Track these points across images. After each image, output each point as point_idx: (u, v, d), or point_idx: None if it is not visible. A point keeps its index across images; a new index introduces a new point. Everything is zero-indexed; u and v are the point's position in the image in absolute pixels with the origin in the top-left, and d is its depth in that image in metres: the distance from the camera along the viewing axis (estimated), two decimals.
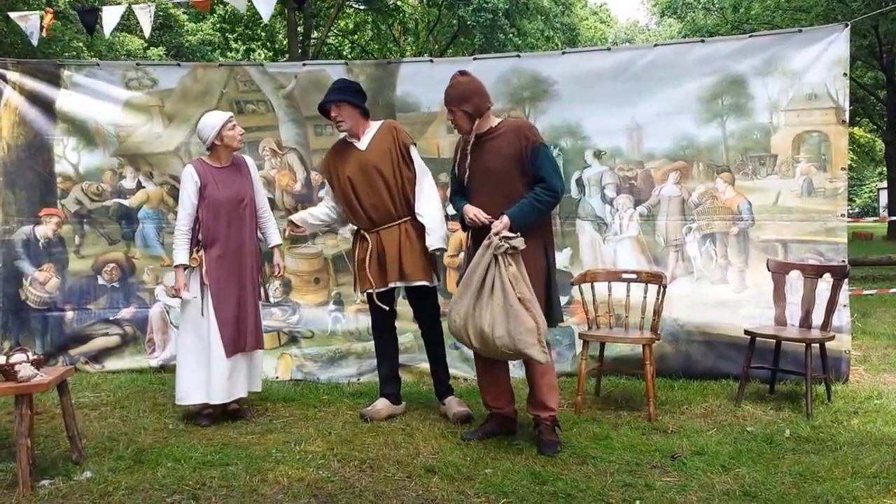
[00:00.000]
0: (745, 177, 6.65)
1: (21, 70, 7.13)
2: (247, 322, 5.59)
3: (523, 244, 4.66)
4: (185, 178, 5.59)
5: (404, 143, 5.57)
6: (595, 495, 4.12)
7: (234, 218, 5.60)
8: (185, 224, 5.55)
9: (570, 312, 6.82)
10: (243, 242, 5.63)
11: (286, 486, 4.29)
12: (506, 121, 5.11)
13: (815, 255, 6.47)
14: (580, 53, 7.57)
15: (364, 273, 5.54)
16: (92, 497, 4.16)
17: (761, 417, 5.54)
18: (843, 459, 4.58)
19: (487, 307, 4.66)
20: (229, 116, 5.65)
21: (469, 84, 4.99)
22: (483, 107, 4.97)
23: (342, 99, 5.51)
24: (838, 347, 6.36)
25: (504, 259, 4.65)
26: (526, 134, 4.91)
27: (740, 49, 6.65)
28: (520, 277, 4.65)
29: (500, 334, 4.60)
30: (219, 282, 5.51)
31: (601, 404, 5.99)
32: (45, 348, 7.05)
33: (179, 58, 23.38)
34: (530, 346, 4.57)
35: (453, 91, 4.99)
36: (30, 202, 7.19)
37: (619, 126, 6.82)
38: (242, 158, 5.85)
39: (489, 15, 25.70)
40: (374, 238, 5.52)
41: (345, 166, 5.55)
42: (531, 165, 4.85)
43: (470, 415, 5.49)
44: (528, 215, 4.79)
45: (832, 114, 6.51)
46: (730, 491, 4.14)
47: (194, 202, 5.54)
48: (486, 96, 5.02)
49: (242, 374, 5.62)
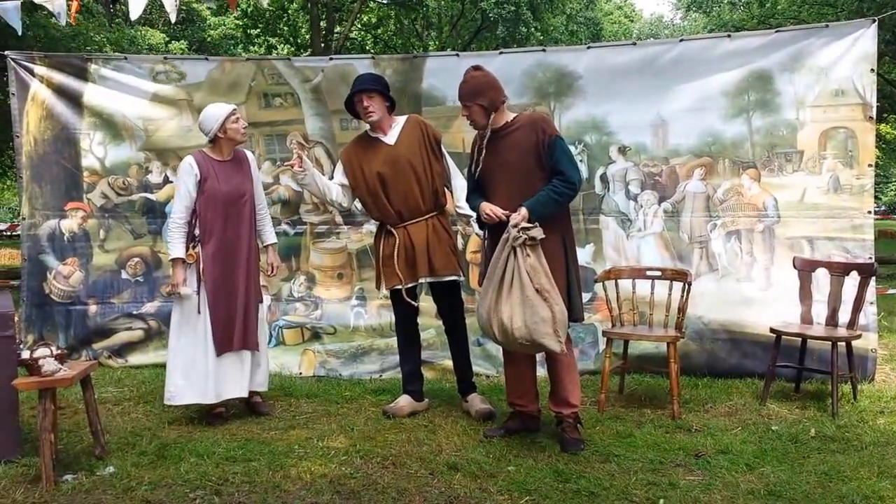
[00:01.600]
0: (770, 173, 6.59)
1: (48, 64, 7.16)
2: (237, 321, 5.45)
3: (542, 234, 4.64)
4: (185, 170, 5.47)
5: (435, 136, 5.56)
6: (618, 493, 4.10)
7: (233, 213, 5.48)
8: (182, 217, 5.42)
9: (594, 310, 6.80)
10: (240, 239, 5.50)
11: (309, 482, 4.29)
12: (521, 115, 5.08)
13: (841, 252, 6.42)
14: (605, 48, 7.51)
15: (392, 269, 5.49)
16: (115, 492, 4.17)
17: (786, 416, 5.49)
18: (868, 459, 4.55)
19: (507, 300, 4.64)
20: (233, 108, 5.54)
21: (482, 78, 4.96)
22: (498, 100, 4.94)
23: (375, 89, 5.49)
24: (865, 346, 6.29)
25: (523, 250, 4.63)
26: (543, 127, 4.88)
27: (766, 44, 6.59)
28: (539, 268, 4.62)
29: (518, 325, 4.58)
30: (214, 279, 5.40)
31: (625, 402, 5.96)
32: (68, 342, 7.09)
33: (202, 52, 23.46)
34: (545, 336, 4.54)
35: (467, 86, 4.96)
36: (55, 196, 7.21)
37: (644, 122, 6.77)
38: (244, 153, 5.74)
39: (512, 7, 25.60)
40: (401, 233, 5.48)
41: (372, 161, 5.49)
42: (549, 158, 4.83)
43: (492, 412, 5.48)
44: (546, 206, 4.76)
45: (859, 110, 6.44)
46: (754, 490, 4.12)
47: (193, 195, 5.42)
48: (501, 90, 4.98)
49: (240, 374, 5.50)
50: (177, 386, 5.40)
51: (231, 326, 5.44)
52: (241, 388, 5.52)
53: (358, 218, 7.09)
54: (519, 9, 25.58)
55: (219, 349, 5.40)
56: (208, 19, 28.04)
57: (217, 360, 5.40)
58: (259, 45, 29.37)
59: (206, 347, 5.39)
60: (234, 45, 28.84)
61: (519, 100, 6.72)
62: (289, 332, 6.83)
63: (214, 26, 28.21)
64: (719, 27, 26.94)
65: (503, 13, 25.54)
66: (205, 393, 5.40)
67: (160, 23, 26.75)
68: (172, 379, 5.42)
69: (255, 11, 27.06)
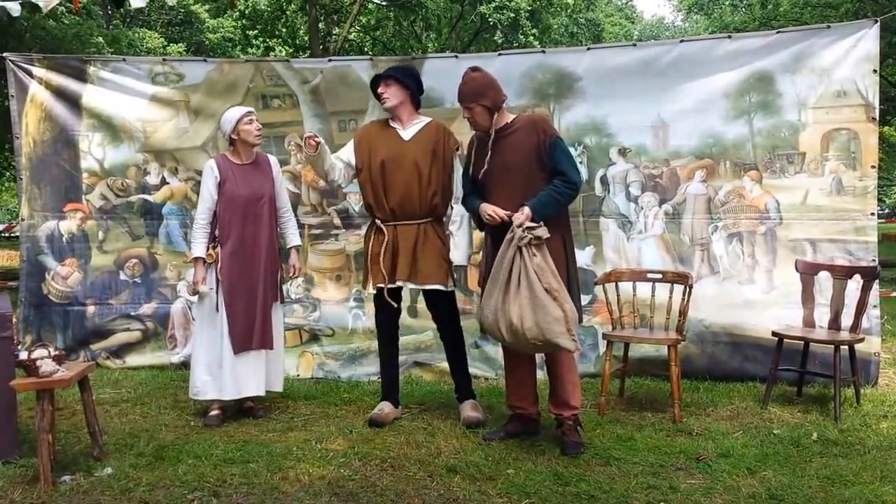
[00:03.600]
0: (772, 175, 6.56)
1: (47, 66, 7.17)
2: (255, 320, 5.54)
3: (547, 233, 4.64)
4: (206, 173, 5.64)
5: (452, 147, 5.53)
6: (618, 497, 4.10)
7: (251, 215, 5.58)
8: (204, 218, 5.58)
9: (594, 312, 6.79)
10: (259, 240, 5.60)
11: (307, 483, 4.29)
12: (520, 116, 5.09)
13: (844, 255, 6.39)
14: (606, 49, 7.49)
15: (378, 267, 5.43)
16: (112, 493, 4.17)
17: (788, 420, 5.48)
18: (871, 463, 4.54)
19: (515, 300, 4.62)
20: (248, 111, 5.64)
21: (482, 79, 4.95)
22: (499, 100, 4.94)
23: (391, 76, 5.49)
24: (867, 350, 6.27)
25: (528, 250, 4.62)
26: (543, 128, 4.91)
27: (768, 45, 6.57)
28: (546, 267, 4.62)
29: (529, 326, 4.56)
30: (230, 278, 5.51)
31: (625, 405, 5.95)
32: (66, 342, 7.10)
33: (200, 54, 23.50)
34: (559, 336, 4.53)
35: (467, 87, 4.95)
36: (54, 197, 7.22)
37: (645, 123, 6.74)
38: (266, 157, 5.85)
39: (511, 14, 25.63)
40: (390, 231, 5.43)
41: (381, 149, 5.45)
42: (549, 159, 4.84)
43: (481, 420, 5.42)
44: (548, 206, 4.77)
45: (861, 111, 6.42)
46: (756, 494, 4.11)
47: (214, 197, 5.57)
48: (501, 90, 4.98)
49: (256, 373, 5.59)
50: (202, 381, 5.56)
51: (249, 325, 5.53)
52: (257, 386, 5.61)
53: (356, 220, 7.11)
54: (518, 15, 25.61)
55: (236, 347, 5.49)
56: (206, 22, 28.07)
57: (236, 358, 5.50)
58: (257, 47, 29.41)
59: (224, 345, 5.50)
60: (232, 47, 28.86)
61: (518, 101, 6.71)
62: (287, 334, 6.78)
63: (212, 29, 28.24)
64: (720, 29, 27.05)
65: (502, 18, 25.58)
66: (224, 389, 5.51)
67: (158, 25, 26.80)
68: (196, 374, 5.60)
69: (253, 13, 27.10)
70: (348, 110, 7.12)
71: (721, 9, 33.31)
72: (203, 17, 27.70)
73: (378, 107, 6.04)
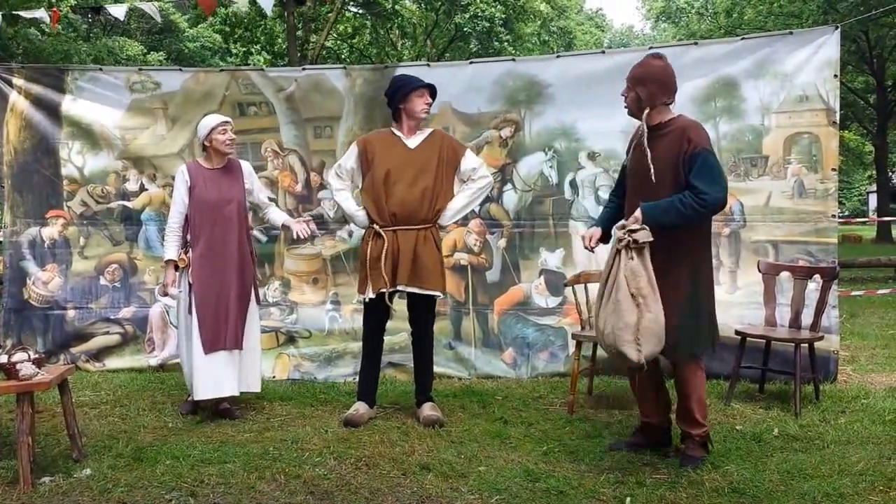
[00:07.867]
0: (737, 178, 6.67)
1: (26, 76, 7.23)
2: (227, 321, 5.60)
3: (649, 237, 4.27)
4: (178, 178, 5.74)
5: (456, 151, 5.62)
6: (587, 492, 4.18)
7: (220, 219, 5.65)
8: (176, 222, 5.69)
9: (564, 313, 6.91)
10: (228, 243, 5.66)
11: (283, 483, 4.35)
12: (678, 119, 4.62)
13: (805, 256, 6.53)
14: (575, 57, 7.63)
15: (379, 272, 5.41)
16: (92, 494, 4.22)
17: (750, 416, 5.61)
18: (830, 457, 4.63)
19: (606, 305, 4.35)
20: (224, 121, 5.72)
21: (653, 69, 4.60)
22: (657, 97, 4.54)
23: (433, 92, 5.60)
24: (827, 348, 6.41)
25: (627, 252, 4.29)
26: (689, 136, 4.45)
27: (733, 52, 6.71)
28: (641, 272, 4.26)
29: (607, 331, 4.29)
30: (200, 280, 5.59)
31: (594, 403, 6.06)
32: (46, 346, 7.13)
33: (180, 63, 23.45)
34: (625, 343, 4.21)
35: (637, 70, 4.65)
36: (36, 204, 7.29)
37: (614, 128, 6.73)
38: (238, 162, 5.92)
39: (486, 23, 25.76)
40: (390, 236, 5.42)
41: (386, 158, 5.47)
42: (686, 170, 4.41)
43: (441, 420, 5.45)
44: (667, 214, 4.36)
45: (823, 115, 6.56)
46: (719, 488, 4.20)
47: (185, 201, 5.66)
48: (668, 89, 4.59)
49: (231, 373, 5.64)
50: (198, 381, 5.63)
51: (219, 325, 5.59)
52: (231, 386, 5.65)
53: (331, 226, 7.21)
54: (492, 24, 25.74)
55: (206, 347, 5.55)
56: (186, 30, 28.03)
57: (208, 358, 5.55)
58: (236, 55, 29.37)
59: (194, 346, 5.56)
60: (212, 55, 28.83)
61: (491, 107, 6.85)
62: (263, 337, 6.85)
63: (192, 38, 28.20)
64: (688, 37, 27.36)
65: (476, 27, 25.71)
66: (198, 389, 5.58)
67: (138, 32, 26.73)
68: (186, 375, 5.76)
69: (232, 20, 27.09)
70: (323, 116, 7.22)
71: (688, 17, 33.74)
72: (182, 26, 27.67)
73: (351, 113, 6.13)
